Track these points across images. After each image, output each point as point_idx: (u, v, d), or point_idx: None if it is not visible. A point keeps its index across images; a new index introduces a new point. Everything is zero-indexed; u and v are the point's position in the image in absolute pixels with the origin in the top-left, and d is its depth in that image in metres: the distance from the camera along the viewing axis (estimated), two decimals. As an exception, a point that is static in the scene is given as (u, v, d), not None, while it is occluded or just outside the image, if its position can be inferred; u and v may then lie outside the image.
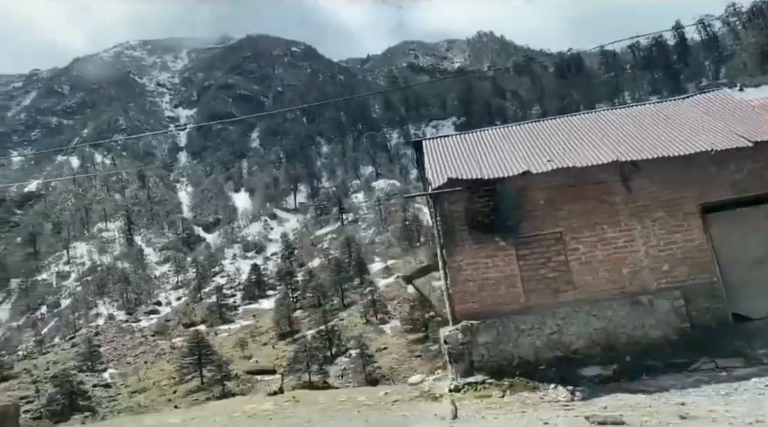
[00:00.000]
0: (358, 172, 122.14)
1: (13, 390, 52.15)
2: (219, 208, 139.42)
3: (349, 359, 42.87)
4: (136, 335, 69.02)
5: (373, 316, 50.64)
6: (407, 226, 79.85)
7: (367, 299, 51.69)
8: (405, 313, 50.85)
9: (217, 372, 42.77)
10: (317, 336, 44.54)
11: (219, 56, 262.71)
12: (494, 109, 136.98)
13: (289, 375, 44.44)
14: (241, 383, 42.39)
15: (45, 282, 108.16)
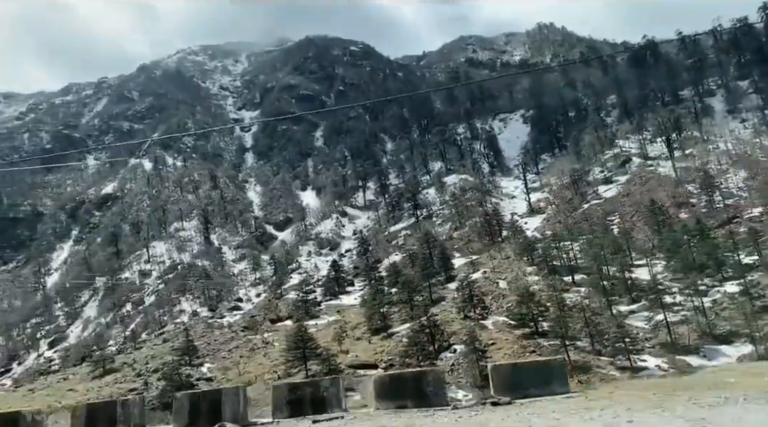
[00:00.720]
0: (427, 167, 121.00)
1: (121, 382, 53.85)
2: (288, 206, 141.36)
3: (455, 355, 41.96)
4: (225, 330, 70.21)
5: (471, 311, 49.53)
6: (488, 220, 78.25)
7: (463, 293, 50.53)
8: (505, 308, 49.60)
9: (324, 365, 42.82)
10: (417, 331, 43.78)
11: (279, 58, 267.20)
12: (567, 100, 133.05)
13: (390, 370, 43.97)
14: (347, 376, 42.11)
15: (128, 281, 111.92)
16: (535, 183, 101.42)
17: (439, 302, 58.23)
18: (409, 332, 49.35)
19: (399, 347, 46.92)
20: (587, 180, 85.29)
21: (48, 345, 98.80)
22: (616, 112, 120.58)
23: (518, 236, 70.39)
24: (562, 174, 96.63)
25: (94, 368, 61.98)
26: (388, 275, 66.75)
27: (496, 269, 63.24)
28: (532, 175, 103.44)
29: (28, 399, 56.76)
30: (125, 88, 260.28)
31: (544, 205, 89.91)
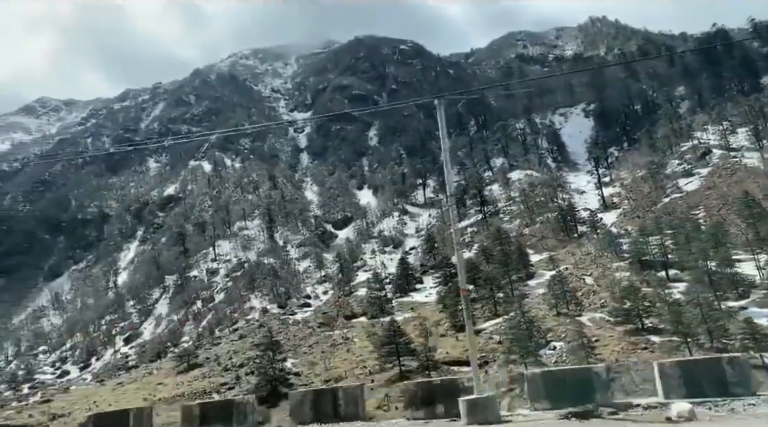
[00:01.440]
0: (489, 164, 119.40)
1: (209, 377, 54.77)
2: (346, 205, 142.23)
3: (556, 351, 40.88)
4: (300, 326, 70.73)
5: (565, 307, 48.25)
6: (563, 215, 76.45)
7: (554, 289, 49.23)
8: (598, 304, 48.14)
9: (422, 361, 42.52)
10: (513, 327, 42.83)
11: (329, 59, 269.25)
12: (632, 93, 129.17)
13: (485, 367, 43.23)
14: (443, 373, 41.61)
15: (197, 279, 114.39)
16: (605, 177, 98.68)
17: (522, 299, 56.95)
18: (499, 328, 48.48)
19: (490, 344, 46.06)
20: (665, 173, 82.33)
21: (123, 341, 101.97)
22: (686, 104, 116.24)
23: (598, 231, 68.47)
24: (635, 168, 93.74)
25: (178, 362, 63.26)
26: (466, 271, 65.64)
27: (579, 265, 61.54)
28: (601, 169, 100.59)
29: (119, 393, 58.44)
30: (182, 93, 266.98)
31: (618, 200, 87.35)
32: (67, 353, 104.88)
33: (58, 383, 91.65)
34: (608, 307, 46.79)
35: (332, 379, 47.17)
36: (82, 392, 63.89)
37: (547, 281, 61.35)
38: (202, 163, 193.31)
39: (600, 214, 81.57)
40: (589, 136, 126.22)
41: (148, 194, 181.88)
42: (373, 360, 49.11)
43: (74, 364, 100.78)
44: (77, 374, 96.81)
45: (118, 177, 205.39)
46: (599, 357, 34.88)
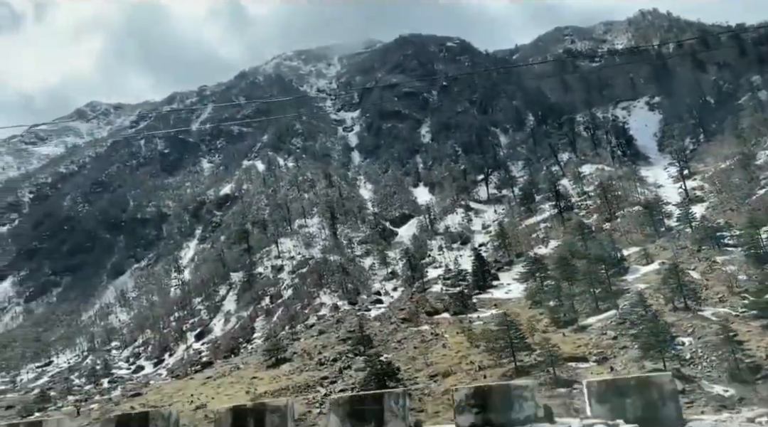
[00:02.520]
0: (557, 158, 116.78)
1: (306, 370, 54.51)
2: (403, 202, 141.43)
3: (686, 347, 39.00)
4: (383, 322, 70.06)
5: (682, 301, 46.21)
6: (648, 209, 73.93)
7: (669, 283, 47.16)
8: (717, 298, 45.98)
9: (532, 357, 41.27)
10: (632, 323, 41.14)
11: (374, 59, 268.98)
12: (703, 84, 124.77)
13: (604, 363, 41.66)
14: (564, 370, 40.18)
15: (262, 276, 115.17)
16: (683, 171, 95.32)
17: (622, 294, 55.07)
18: (609, 323, 46.77)
19: (605, 340, 44.39)
20: (756, 164, 78.91)
21: (195, 337, 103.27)
22: (764, 94, 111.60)
23: (692, 225, 65.92)
24: (717, 160, 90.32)
25: (267, 357, 63.27)
26: (556, 266, 64.01)
27: (677, 259, 59.11)
28: (678, 162, 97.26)
29: (212, 387, 58.77)
30: (230, 94, 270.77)
31: (702, 193, 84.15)
32: (139, 349, 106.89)
33: (135, 378, 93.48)
34: (727, 301, 44.58)
35: (438, 374, 46.24)
36: (174, 386, 64.63)
37: (643, 275, 59.37)
38: (255, 162, 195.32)
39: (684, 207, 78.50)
40: (658, 129, 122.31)
41: (204, 194, 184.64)
42: (477, 355, 48.02)
43: (147, 359, 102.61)
44: (152, 369, 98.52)
45: (174, 177, 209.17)
46: (748, 353, 32.96)
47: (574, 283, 58.28)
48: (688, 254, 60.38)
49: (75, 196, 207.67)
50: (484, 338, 48.70)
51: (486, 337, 48.67)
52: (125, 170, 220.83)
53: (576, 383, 36.69)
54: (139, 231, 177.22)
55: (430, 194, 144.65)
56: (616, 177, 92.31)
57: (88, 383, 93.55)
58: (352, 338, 61.30)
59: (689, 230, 67.83)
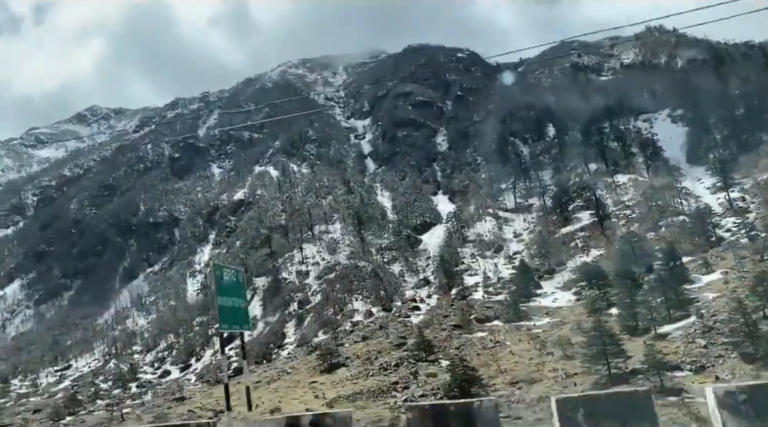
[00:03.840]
0: (588, 167, 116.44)
1: (371, 375, 53.13)
2: (424, 210, 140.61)
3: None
4: (435, 328, 68.78)
5: None
6: (701, 218, 73.41)
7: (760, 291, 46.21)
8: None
9: (635, 364, 40.22)
10: (705, 330, 40.19)
11: (383, 68, 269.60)
12: (728, 96, 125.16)
13: (702, 372, 40.62)
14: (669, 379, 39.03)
15: (287, 281, 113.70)
16: (719, 183, 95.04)
17: (691, 302, 54.22)
18: (694, 331, 45.76)
19: (695, 349, 43.36)
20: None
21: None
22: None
23: (752, 234, 65.40)
24: (755, 171, 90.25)
25: (320, 361, 61.82)
26: (615, 274, 63.09)
27: (742, 270, 58.38)
28: (712, 175, 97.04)
29: (267, 391, 57.24)
30: (238, 100, 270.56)
31: (744, 204, 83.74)
32: (164, 354, 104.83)
33: (163, 383, 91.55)
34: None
35: (519, 381, 45.05)
36: (221, 389, 62.82)
37: (707, 284, 58.58)
38: (268, 168, 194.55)
39: (731, 218, 78.11)
40: (685, 141, 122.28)
41: (217, 199, 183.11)
42: (555, 362, 46.87)
43: (173, 364, 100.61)
44: (178, 374, 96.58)
45: (184, 182, 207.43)
46: None
47: (636, 291, 57.20)
48: (752, 264, 59.57)
49: (82, 199, 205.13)
50: (560, 345, 47.56)
51: (561, 344, 47.53)
52: (132, 174, 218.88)
53: (683, 391, 35.65)
54: (152, 235, 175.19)
55: (451, 202, 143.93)
56: (653, 187, 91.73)
57: (116, 387, 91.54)
58: (410, 344, 60.01)
59: (745, 239, 67.25)
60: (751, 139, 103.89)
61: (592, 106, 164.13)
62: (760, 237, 64.94)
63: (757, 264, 59.80)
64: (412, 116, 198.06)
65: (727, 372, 38.20)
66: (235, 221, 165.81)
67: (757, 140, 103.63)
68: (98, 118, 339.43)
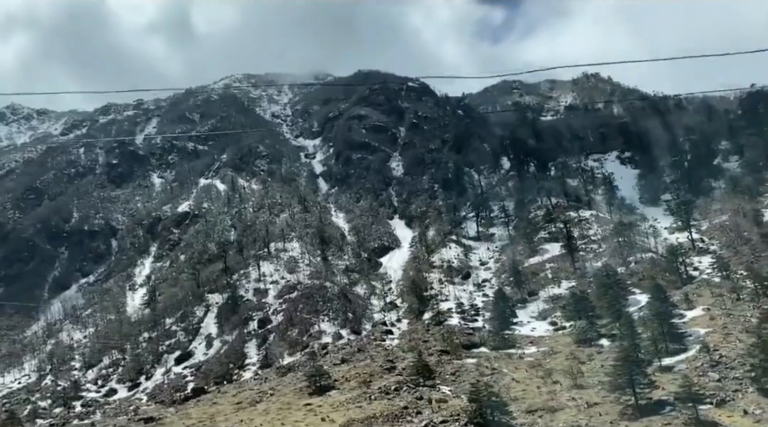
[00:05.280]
0: (543, 201, 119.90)
1: (375, 399, 51.03)
2: (381, 234, 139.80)
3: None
4: (422, 352, 67.26)
5: None
6: (674, 255, 76.55)
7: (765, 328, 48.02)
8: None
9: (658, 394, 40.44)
10: (713, 364, 41.36)
11: (333, 90, 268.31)
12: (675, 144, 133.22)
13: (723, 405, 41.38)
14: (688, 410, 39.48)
15: (244, 299, 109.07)
16: (675, 224, 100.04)
17: (684, 337, 55.87)
18: (695, 366, 46.89)
19: (710, 382, 44.21)
20: (760, 221, 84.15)
21: (175, 361, 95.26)
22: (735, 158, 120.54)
23: (725, 273, 68.72)
24: (711, 214, 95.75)
25: (308, 383, 58.89)
26: (599, 306, 64.27)
27: (723, 306, 61.02)
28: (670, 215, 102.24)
29: (258, 413, 53.82)
30: (179, 110, 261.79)
31: (703, 245, 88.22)
32: (108, 371, 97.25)
33: (111, 402, 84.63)
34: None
35: (538, 409, 44.41)
36: (200, 410, 58.58)
37: (692, 320, 60.55)
38: (214, 182, 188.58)
39: (695, 257, 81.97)
40: (637, 183, 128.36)
41: (159, 210, 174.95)
42: (568, 390, 46.64)
43: (120, 382, 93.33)
44: (126, 393, 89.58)
45: (122, 190, 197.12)
46: None
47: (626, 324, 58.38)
48: (731, 302, 62.39)
49: (4, 201, 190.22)
50: (570, 374, 47.52)
51: (572, 373, 47.54)
52: (63, 178, 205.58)
53: (718, 425, 36.15)
54: (86, 243, 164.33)
55: (408, 227, 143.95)
56: (622, 224, 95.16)
57: (56, 406, 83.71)
58: (401, 368, 58.37)
59: (717, 278, 70.60)
60: (701, 184, 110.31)
61: (543, 143, 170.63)
62: (733, 277, 68.32)
63: (735, 303, 62.72)
64: (366, 140, 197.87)
65: (753, 406, 39.18)
66: (179, 234, 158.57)
67: (707, 186, 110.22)
68: (19, 117, 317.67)
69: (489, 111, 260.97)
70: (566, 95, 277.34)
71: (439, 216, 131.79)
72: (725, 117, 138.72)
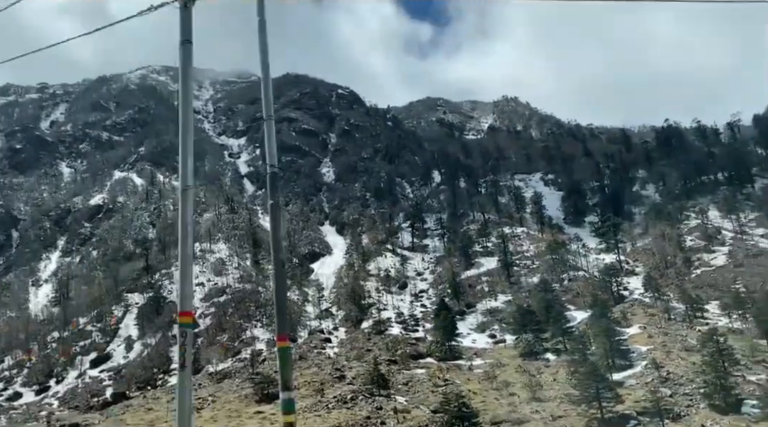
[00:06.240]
0: (475, 216, 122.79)
1: (336, 408, 49.32)
2: (312, 240, 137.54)
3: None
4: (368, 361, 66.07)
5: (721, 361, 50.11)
6: (609, 275, 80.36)
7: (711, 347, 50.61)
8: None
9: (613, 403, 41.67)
10: (663, 380, 43.66)
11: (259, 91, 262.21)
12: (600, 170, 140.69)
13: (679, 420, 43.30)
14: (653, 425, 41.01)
15: (167, 301, 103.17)
16: (599, 245, 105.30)
17: (628, 353, 58.33)
18: (651, 381, 48.97)
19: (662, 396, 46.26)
20: (683, 246, 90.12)
21: (90, 364, 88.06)
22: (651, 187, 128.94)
23: (659, 294, 72.90)
24: (635, 238, 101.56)
25: (255, 390, 56.15)
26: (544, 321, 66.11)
27: (654, 325, 64.47)
28: (595, 237, 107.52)
29: (203, 420, 50.47)
30: (91, 97, 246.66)
31: (628, 266, 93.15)
32: (10, 373, 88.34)
33: (18, 407, 76.73)
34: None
35: (506, 421, 44.61)
36: (136, 416, 54.16)
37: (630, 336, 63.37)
38: (131, 175, 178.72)
39: (623, 278, 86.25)
40: (561, 204, 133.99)
41: (68, 201, 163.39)
42: (528, 403, 47.26)
43: (25, 385, 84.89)
44: (33, 397, 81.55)
45: (26, 178, 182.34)
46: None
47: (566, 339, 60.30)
48: (664, 321, 66.08)
49: None
50: (529, 387, 48.28)
51: (531, 386, 48.34)
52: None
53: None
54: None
55: (340, 234, 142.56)
56: (555, 242, 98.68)
57: (-50, 411, 74.75)
58: (352, 377, 57.08)
59: (647, 299, 74.79)
60: (622, 209, 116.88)
61: (472, 160, 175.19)
62: (664, 298, 72.59)
63: (668, 322, 66.49)
64: (297, 143, 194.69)
65: (710, 422, 41.30)
66: (91, 228, 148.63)
67: (628, 211, 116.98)
68: None
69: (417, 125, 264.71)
70: (487, 116, 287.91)
71: (374, 225, 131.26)
72: (642, 147, 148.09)
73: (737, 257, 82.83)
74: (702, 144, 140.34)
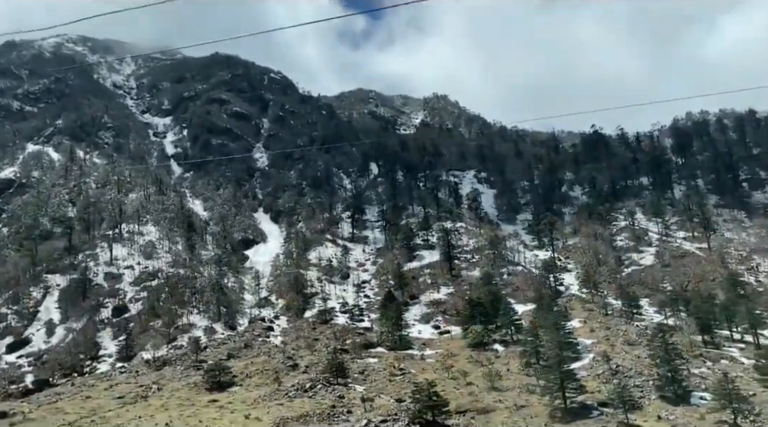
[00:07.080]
0: (425, 210, 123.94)
1: (297, 397, 48.19)
2: (246, 226, 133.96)
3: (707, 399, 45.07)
4: (319, 350, 65.19)
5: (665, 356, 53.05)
6: (547, 270, 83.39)
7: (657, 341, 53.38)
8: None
9: (577, 393, 43.16)
10: (613, 373, 46.12)
11: (190, 69, 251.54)
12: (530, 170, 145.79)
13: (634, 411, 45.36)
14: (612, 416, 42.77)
15: (93, 284, 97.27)
16: (532, 242, 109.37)
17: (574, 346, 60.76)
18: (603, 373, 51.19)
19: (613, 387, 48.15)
20: (614, 246, 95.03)
21: (6, 349, 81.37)
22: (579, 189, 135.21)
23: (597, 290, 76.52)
24: (565, 237, 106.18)
25: (206, 378, 53.91)
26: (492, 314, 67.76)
27: (595, 320, 67.64)
28: (527, 234, 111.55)
29: (154, 408, 47.88)
30: (8, 64, 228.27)
31: (561, 263, 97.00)
32: None
33: None
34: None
35: (471, 410, 45.29)
36: (76, 405, 50.52)
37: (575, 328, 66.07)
38: (47, 149, 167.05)
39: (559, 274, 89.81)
40: (494, 201, 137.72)
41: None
42: (488, 392, 48.28)
43: (-72, 370, 77.16)
44: (-62, 383, 74.21)
45: None
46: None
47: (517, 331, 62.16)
48: (602, 317, 69.49)
49: None
50: (488, 377, 49.40)
51: (490, 376, 49.50)
52: None
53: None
54: None
55: (274, 222, 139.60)
56: (497, 237, 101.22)
57: None
58: (305, 366, 56.14)
59: (583, 294, 78.45)
60: (552, 208, 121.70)
61: (409, 154, 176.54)
62: (599, 294, 76.32)
63: (606, 317, 69.93)
64: (228, 126, 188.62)
65: (665, 412, 43.68)
66: (1, 204, 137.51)
67: (558, 210, 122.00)
68: None
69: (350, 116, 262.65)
70: (417, 112, 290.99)
71: (312, 214, 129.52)
72: (570, 151, 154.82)
73: (664, 257, 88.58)
74: (626, 150, 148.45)
